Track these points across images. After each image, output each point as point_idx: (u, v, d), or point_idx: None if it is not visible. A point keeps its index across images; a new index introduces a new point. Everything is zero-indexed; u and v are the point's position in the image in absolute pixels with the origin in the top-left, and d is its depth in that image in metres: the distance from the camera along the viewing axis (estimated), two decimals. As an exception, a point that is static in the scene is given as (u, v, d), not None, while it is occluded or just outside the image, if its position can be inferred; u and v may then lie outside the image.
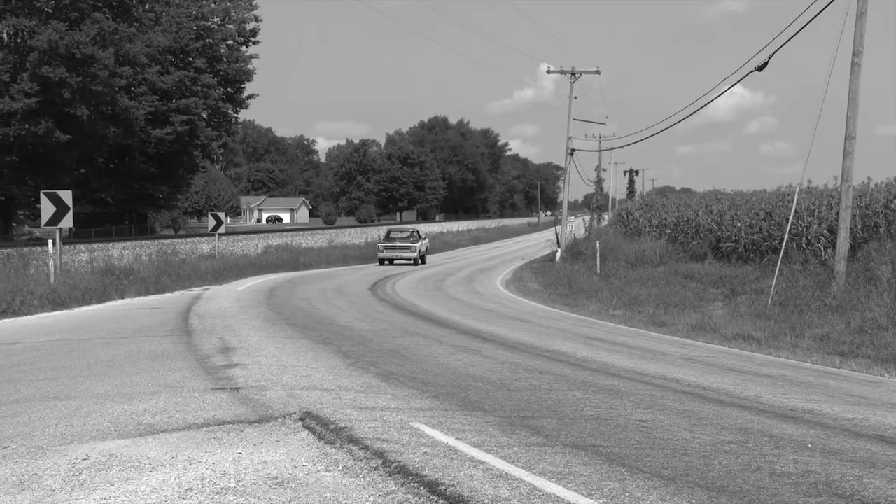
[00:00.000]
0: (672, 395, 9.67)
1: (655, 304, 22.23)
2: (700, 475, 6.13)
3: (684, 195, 51.66)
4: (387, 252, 42.52)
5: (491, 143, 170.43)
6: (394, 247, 42.91)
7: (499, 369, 11.10)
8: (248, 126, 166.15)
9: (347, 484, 5.72)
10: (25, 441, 6.93)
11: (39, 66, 44.37)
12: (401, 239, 44.53)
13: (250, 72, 64.52)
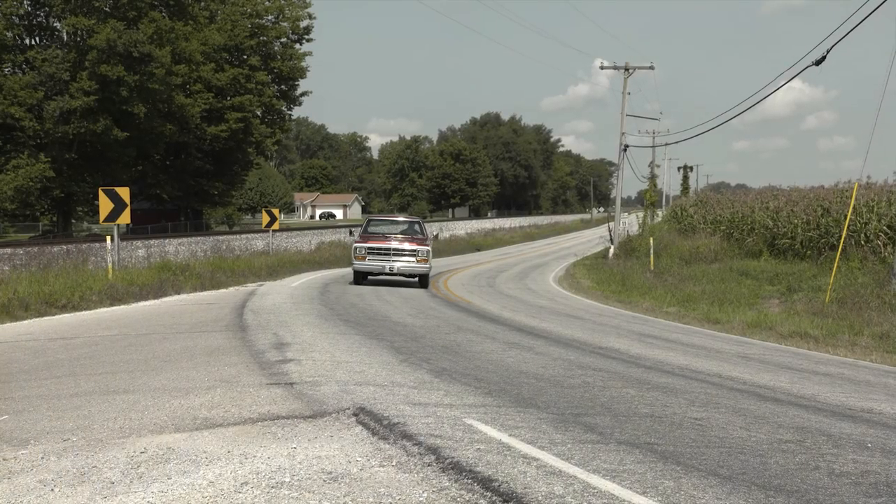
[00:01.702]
0: (727, 392, 9.57)
1: (710, 302, 22.02)
2: (756, 474, 6.06)
3: (739, 191, 51.09)
4: (371, 260, 24.90)
5: (543, 140, 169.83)
6: (382, 252, 24.82)
7: (552, 366, 11.06)
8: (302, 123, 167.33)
9: (401, 479, 5.73)
10: (85, 434, 7.04)
11: (98, 65, 45.03)
12: (396, 232, 26.37)
13: (304, 69, 64.94)
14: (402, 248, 24.91)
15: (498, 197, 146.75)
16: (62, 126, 45.36)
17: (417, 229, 26.92)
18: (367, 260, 24.83)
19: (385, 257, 24.80)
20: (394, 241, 25.12)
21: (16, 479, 5.82)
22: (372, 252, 24.82)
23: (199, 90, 55.38)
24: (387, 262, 24.74)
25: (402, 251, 24.89)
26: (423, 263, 25.01)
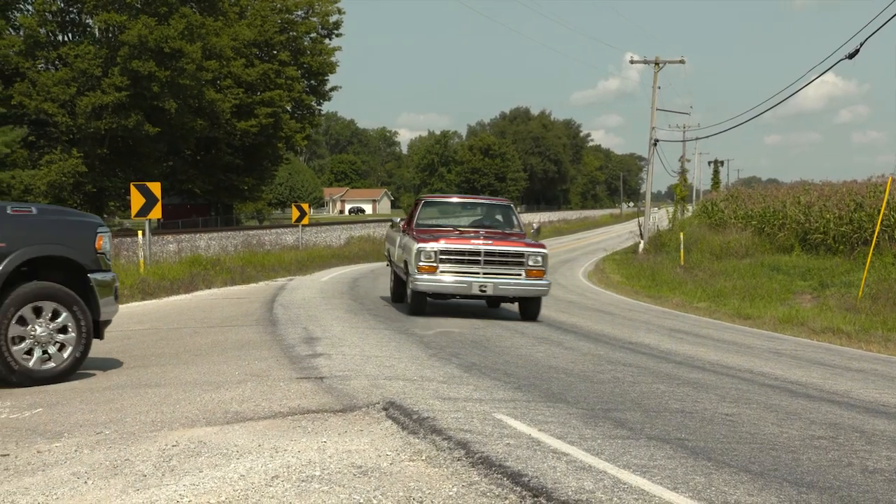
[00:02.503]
0: (759, 388, 9.51)
1: (741, 297, 21.89)
2: (789, 470, 6.02)
3: (771, 186, 50.72)
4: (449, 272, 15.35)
5: (573, 134, 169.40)
6: (468, 258, 15.35)
7: (581, 361, 11.04)
8: (331, 118, 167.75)
9: (431, 474, 5.74)
10: (118, 427, 7.10)
11: (129, 61, 45.36)
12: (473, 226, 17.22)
13: (333, 64, 65.11)
14: (502, 252, 15.16)
15: (527, 192, 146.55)
16: (94, 121, 45.73)
17: (510, 219, 17.25)
18: (441, 273, 15.04)
19: (472, 268, 15.11)
20: (480, 239, 15.38)
21: (50, 471, 5.88)
22: (451, 259, 15.07)
23: (230, 85, 55.66)
24: (476, 276, 15.07)
25: (503, 256, 15.18)
26: (536, 279, 15.26)
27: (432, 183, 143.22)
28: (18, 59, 46.14)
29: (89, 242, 9.50)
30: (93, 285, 9.44)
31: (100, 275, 9.55)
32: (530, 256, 15.28)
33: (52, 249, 9.18)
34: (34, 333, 8.98)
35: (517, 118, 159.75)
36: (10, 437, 6.82)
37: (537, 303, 15.92)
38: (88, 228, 9.63)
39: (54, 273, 9.30)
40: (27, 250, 8.91)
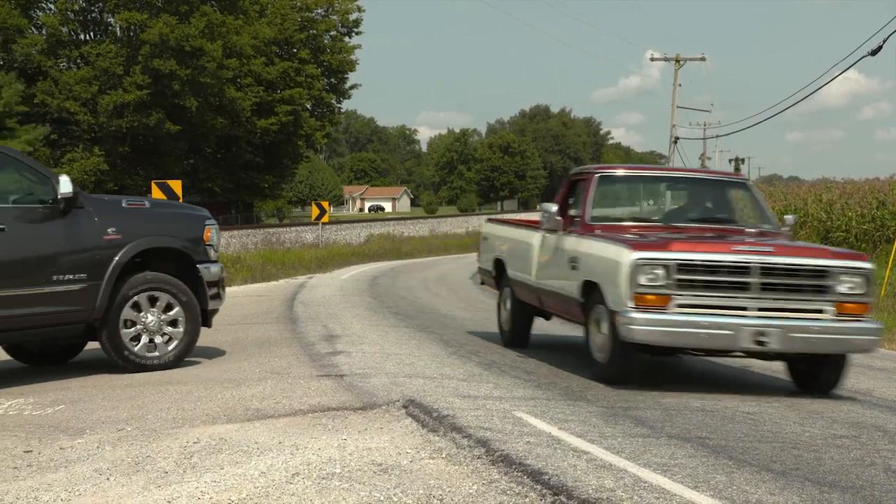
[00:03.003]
0: (780, 387, 9.46)
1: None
2: (810, 469, 5.99)
3: (792, 184, 50.50)
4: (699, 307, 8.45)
5: (593, 132, 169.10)
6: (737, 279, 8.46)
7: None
8: (351, 116, 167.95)
9: (451, 472, 5.74)
10: (139, 424, 7.14)
11: (150, 59, 45.59)
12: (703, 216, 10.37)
13: (353, 62, 65.19)
14: (791, 268, 8.62)
15: (547, 189, 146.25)
16: (116, 120, 46.00)
17: (758, 209, 10.68)
18: (678, 308, 8.45)
19: (737, 298, 8.56)
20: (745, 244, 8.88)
21: (72, 467, 5.92)
22: (699, 281, 8.49)
23: (250, 84, 55.82)
24: (746, 314, 8.48)
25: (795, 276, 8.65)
26: (855, 318, 8.74)
27: (452, 181, 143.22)
28: (41, 58, 46.47)
29: (198, 234, 10.03)
30: (201, 275, 9.91)
31: (208, 265, 10.04)
32: (842, 275, 8.61)
33: (164, 241, 9.75)
34: (145, 321, 9.54)
35: (537, 116, 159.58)
36: (33, 434, 6.88)
37: (842, 363, 9.15)
38: (197, 221, 10.17)
39: (165, 264, 9.81)
40: (141, 242, 9.45)
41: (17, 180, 9.31)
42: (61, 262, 8.97)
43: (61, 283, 8.92)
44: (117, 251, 9.23)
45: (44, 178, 9.17)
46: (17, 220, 8.86)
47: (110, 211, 9.50)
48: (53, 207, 9.03)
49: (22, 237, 8.82)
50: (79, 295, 9.04)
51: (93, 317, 9.20)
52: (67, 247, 9.05)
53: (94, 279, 9.11)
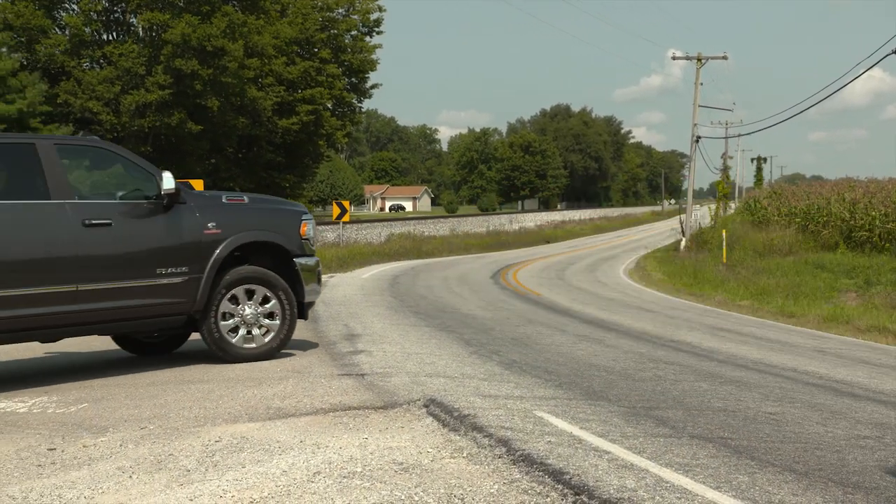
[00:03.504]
0: (803, 387, 9.41)
1: (784, 295, 21.66)
2: (834, 470, 5.95)
3: (815, 183, 50.18)
4: None
5: (614, 131, 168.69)
6: None
7: (622, 359, 10.98)
8: (372, 115, 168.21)
9: (472, 471, 5.74)
10: (162, 422, 7.17)
11: (172, 59, 45.79)
12: None
13: (374, 62, 65.26)
14: None
15: (568, 189, 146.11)
16: (138, 119, 46.22)
17: None
18: None
19: None
20: None
21: (96, 465, 5.95)
22: None
23: (271, 83, 55.95)
24: None
25: None
26: None
27: (472, 180, 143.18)
28: (64, 59, 46.76)
29: (295, 229, 10.35)
30: (298, 269, 10.24)
31: (304, 259, 10.35)
32: None
33: (262, 235, 10.04)
34: (243, 313, 9.88)
35: (558, 115, 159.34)
36: (56, 432, 6.92)
37: None
38: (294, 216, 10.49)
39: (263, 258, 10.16)
40: (239, 236, 9.78)
41: (124, 176, 9.64)
42: (164, 255, 9.29)
43: (164, 276, 9.26)
44: (217, 245, 9.58)
45: (148, 175, 9.45)
46: (124, 215, 9.17)
47: (210, 206, 9.81)
48: (157, 203, 9.35)
49: (128, 232, 9.13)
50: (181, 287, 9.38)
51: (194, 309, 9.54)
52: (170, 241, 9.38)
53: (196, 272, 9.46)
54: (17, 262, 8.46)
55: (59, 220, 8.73)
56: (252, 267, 9.97)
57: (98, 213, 8.96)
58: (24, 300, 8.46)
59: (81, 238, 8.79)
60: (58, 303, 8.67)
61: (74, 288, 8.72)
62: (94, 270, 8.84)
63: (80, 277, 8.75)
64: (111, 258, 8.98)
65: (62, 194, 8.80)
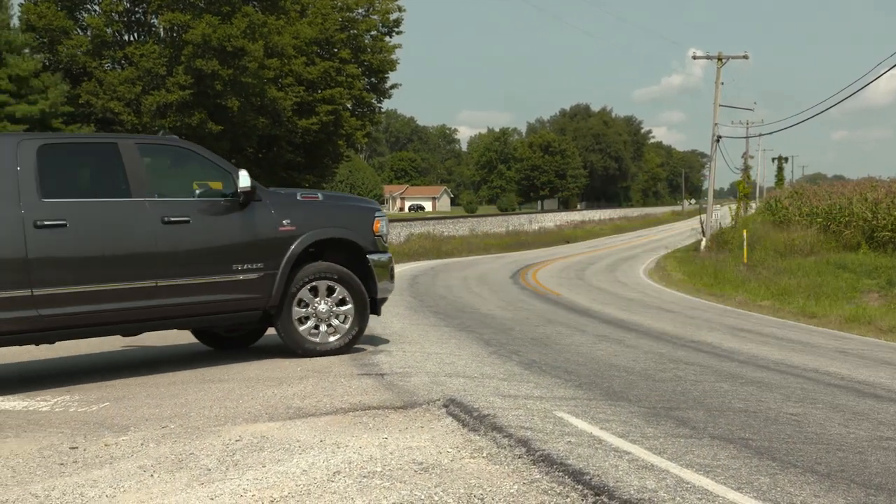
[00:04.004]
0: (824, 388, 9.36)
1: (806, 295, 21.54)
2: (856, 472, 5.91)
3: (837, 183, 49.88)
4: None
5: (634, 131, 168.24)
6: None
7: (643, 359, 10.95)
8: (391, 116, 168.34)
9: (492, 471, 5.73)
10: (182, 421, 7.20)
11: (193, 60, 45.93)
12: None
13: (394, 62, 65.26)
14: None
15: (587, 189, 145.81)
16: (159, 120, 46.38)
17: None
18: None
19: None
20: None
21: (117, 464, 5.98)
22: None
23: (291, 83, 56.02)
24: None
25: None
26: None
27: (492, 180, 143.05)
28: (86, 59, 46.98)
29: (368, 225, 10.54)
30: (371, 265, 10.43)
31: (377, 255, 10.54)
32: None
33: (336, 232, 10.26)
34: (316, 308, 10.09)
35: (577, 115, 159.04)
36: (78, 431, 6.96)
37: None
38: (367, 213, 10.68)
39: (337, 254, 10.35)
40: (313, 233, 10.01)
41: (202, 175, 9.84)
42: (240, 252, 9.53)
43: (240, 273, 9.50)
44: (292, 242, 9.80)
45: (225, 173, 9.73)
46: (202, 212, 9.41)
47: (286, 203, 10.03)
48: (233, 200, 9.60)
49: (205, 228, 9.38)
50: (256, 283, 9.61)
51: (269, 304, 9.75)
52: (246, 237, 9.60)
53: (271, 268, 9.68)
54: (99, 258, 8.78)
55: (139, 218, 9.01)
56: (326, 263, 10.17)
57: (176, 211, 9.25)
58: (106, 295, 8.75)
59: (160, 235, 9.06)
60: (138, 298, 8.94)
61: (154, 284, 9.00)
62: (172, 267, 9.11)
63: (159, 273, 9.03)
64: (189, 255, 9.24)
65: (142, 192, 9.09)
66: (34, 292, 8.39)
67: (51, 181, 8.70)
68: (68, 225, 8.61)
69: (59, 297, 8.52)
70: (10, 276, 8.30)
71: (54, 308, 8.49)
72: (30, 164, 8.59)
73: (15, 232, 8.36)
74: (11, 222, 8.37)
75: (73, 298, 8.59)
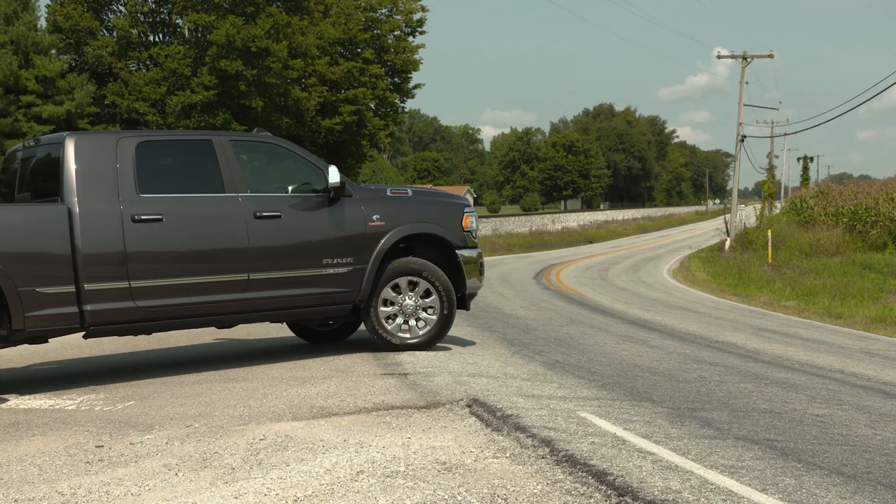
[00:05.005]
0: (850, 389, 9.29)
1: (831, 296, 21.40)
2: (882, 473, 5.86)
3: (863, 183, 49.51)
4: None
5: (658, 131, 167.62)
6: None
7: (666, 360, 10.91)
8: (415, 116, 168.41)
9: (515, 471, 5.73)
10: (207, 420, 7.23)
11: (217, 60, 46.12)
12: None
13: (417, 62, 65.29)
14: None
15: (610, 189, 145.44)
16: (184, 120, 46.60)
17: None
18: None
19: None
20: None
21: (142, 462, 6.02)
22: None
23: (314, 84, 56.13)
24: None
25: None
26: None
27: (515, 180, 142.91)
28: (111, 60, 47.26)
29: (457, 221, 10.67)
30: (459, 261, 10.55)
31: (466, 251, 10.67)
32: None
33: (424, 228, 10.41)
34: (403, 303, 10.28)
35: (601, 115, 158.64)
36: (104, 429, 7.01)
37: None
38: (456, 208, 10.82)
39: (427, 249, 10.51)
40: (402, 228, 10.18)
41: (294, 171, 10.00)
42: (331, 246, 9.75)
43: (330, 267, 9.74)
44: (381, 237, 9.99)
45: (317, 170, 9.87)
46: (293, 207, 9.64)
47: (375, 199, 10.16)
48: (324, 196, 9.78)
49: (296, 224, 9.61)
50: (346, 277, 9.83)
51: (358, 298, 9.96)
52: (336, 232, 9.82)
53: (360, 263, 9.89)
54: (193, 252, 9.05)
55: (232, 213, 9.26)
56: (413, 259, 10.33)
57: (268, 206, 9.49)
58: (200, 288, 9.04)
59: (253, 230, 9.30)
60: (231, 291, 9.21)
61: (246, 277, 9.25)
62: (264, 261, 9.36)
63: (252, 267, 9.29)
64: (280, 249, 9.48)
65: (236, 188, 9.34)
66: (131, 284, 8.68)
67: (148, 177, 8.98)
68: (164, 220, 8.89)
69: (154, 289, 8.80)
70: (109, 268, 8.60)
71: (150, 300, 8.79)
72: (128, 161, 8.89)
73: (114, 226, 8.66)
74: (111, 217, 8.66)
75: (168, 291, 8.88)
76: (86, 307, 8.49)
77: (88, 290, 8.48)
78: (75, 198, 8.56)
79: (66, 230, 8.45)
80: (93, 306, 8.51)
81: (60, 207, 8.53)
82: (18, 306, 8.19)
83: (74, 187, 8.60)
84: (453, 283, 10.42)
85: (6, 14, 37.12)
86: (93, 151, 8.87)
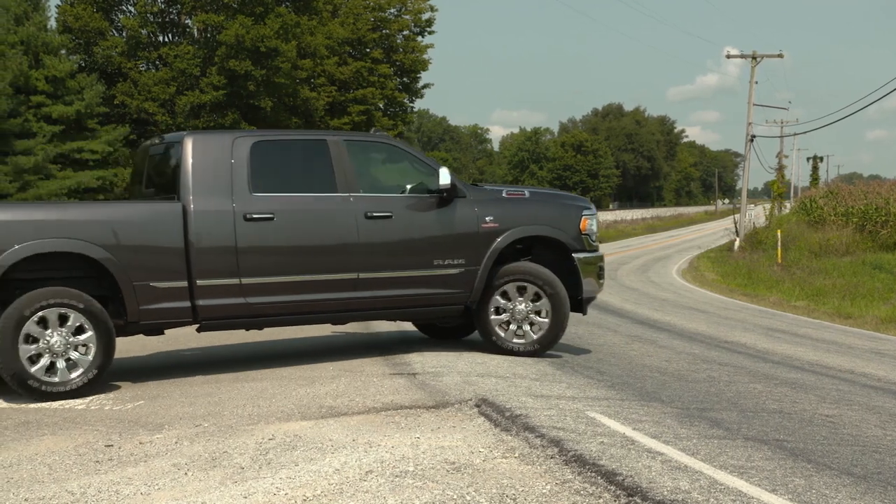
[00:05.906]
0: (860, 389, 9.27)
1: (841, 296, 21.34)
2: (893, 474, 5.85)
3: (873, 183, 49.36)
4: None
5: (667, 131, 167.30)
6: None
7: (676, 360, 10.90)
8: (423, 115, 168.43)
9: (524, 471, 5.73)
10: (216, 420, 7.25)
11: (226, 60, 46.18)
12: None
13: (426, 62, 65.28)
14: None
15: (619, 188, 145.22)
16: (193, 120, 46.65)
17: None
18: None
19: None
20: None
21: (152, 462, 6.03)
22: None
23: (323, 83, 56.16)
24: None
25: None
26: None
27: (524, 180, 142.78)
28: (121, 60, 47.35)
29: (574, 223, 10.44)
30: (577, 264, 10.31)
31: (584, 254, 10.43)
32: None
33: (539, 230, 10.26)
34: (513, 308, 10.12)
35: (610, 114, 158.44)
36: (113, 429, 7.02)
37: None
38: (574, 210, 10.59)
39: (545, 252, 10.37)
40: (516, 231, 10.08)
41: (409, 171, 10.00)
42: (442, 247, 9.76)
43: (441, 267, 9.75)
44: (494, 239, 9.92)
45: (431, 171, 9.87)
46: (405, 208, 9.68)
47: (490, 200, 10.11)
48: (436, 197, 9.78)
49: (407, 224, 9.64)
50: (457, 278, 9.82)
51: (469, 299, 9.94)
52: (448, 233, 9.82)
53: (472, 264, 9.85)
54: (303, 250, 9.16)
55: (343, 212, 9.32)
56: (525, 262, 10.23)
57: (380, 206, 9.54)
58: (309, 286, 9.15)
59: (363, 229, 9.36)
60: (339, 289, 9.30)
61: (355, 276, 9.32)
62: (373, 260, 9.41)
63: (361, 266, 9.36)
64: (391, 249, 9.53)
65: (348, 187, 9.40)
66: (242, 281, 8.83)
67: (261, 176, 9.10)
68: (275, 218, 9.00)
69: (264, 286, 8.95)
70: (221, 265, 8.78)
71: (260, 297, 8.96)
72: (243, 159, 9.03)
73: (226, 224, 8.80)
74: (224, 215, 8.81)
75: (278, 288, 9.01)
76: (198, 302, 8.71)
77: (201, 285, 8.70)
78: (190, 196, 8.74)
79: (180, 227, 8.65)
80: (205, 301, 8.75)
81: (175, 205, 8.72)
82: (133, 299, 8.43)
83: (190, 185, 8.77)
84: (569, 286, 10.21)
85: (16, 14, 37.19)
86: (209, 150, 9.04)
